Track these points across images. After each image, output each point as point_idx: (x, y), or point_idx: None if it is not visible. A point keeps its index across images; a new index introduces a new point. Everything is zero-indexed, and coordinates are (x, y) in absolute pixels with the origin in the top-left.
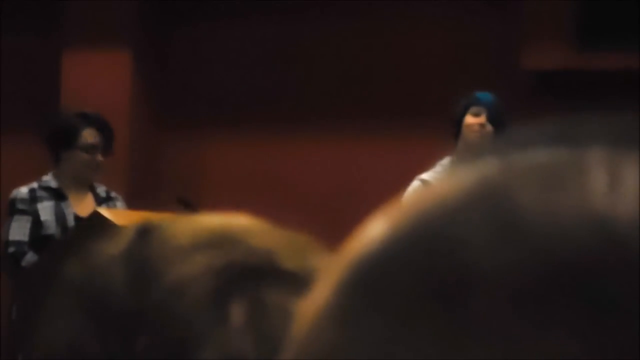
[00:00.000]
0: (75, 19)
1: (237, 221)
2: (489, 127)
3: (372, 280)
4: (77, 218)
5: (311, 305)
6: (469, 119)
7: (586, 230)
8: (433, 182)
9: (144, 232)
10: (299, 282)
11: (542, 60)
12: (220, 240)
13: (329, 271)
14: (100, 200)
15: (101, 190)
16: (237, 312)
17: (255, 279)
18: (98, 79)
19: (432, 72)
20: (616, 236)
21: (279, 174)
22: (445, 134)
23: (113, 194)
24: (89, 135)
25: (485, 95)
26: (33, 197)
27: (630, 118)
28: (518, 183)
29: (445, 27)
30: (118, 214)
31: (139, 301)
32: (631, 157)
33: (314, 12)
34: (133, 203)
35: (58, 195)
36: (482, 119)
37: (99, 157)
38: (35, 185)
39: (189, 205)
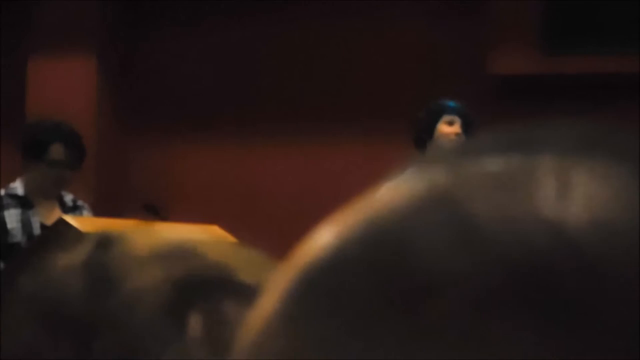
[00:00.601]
0: (41, 26)
1: (195, 234)
2: (463, 137)
3: (325, 286)
4: (43, 227)
5: (261, 311)
6: (445, 128)
7: (540, 235)
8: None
9: (103, 242)
10: (255, 295)
11: (508, 65)
12: (178, 253)
13: (278, 277)
14: (66, 209)
15: (68, 199)
16: (194, 324)
17: (212, 291)
18: (63, 85)
19: (399, 76)
20: (569, 241)
21: (247, 179)
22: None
23: (80, 203)
24: (56, 151)
25: (457, 103)
26: None
27: (582, 124)
28: (470, 190)
29: (412, 32)
30: (84, 222)
31: (95, 309)
32: (582, 163)
33: (280, 16)
34: (99, 210)
35: (24, 203)
36: (457, 128)
37: (65, 173)
38: (2, 192)
39: (157, 212)
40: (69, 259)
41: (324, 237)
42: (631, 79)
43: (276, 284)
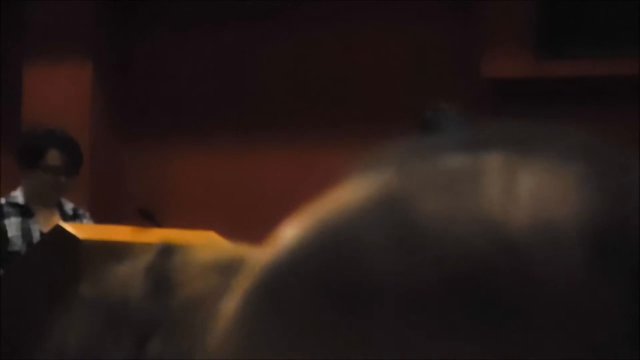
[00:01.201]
0: (36, 32)
1: (254, 249)
2: None
3: (275, 288)
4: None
5: (224, 312)
6: None
7: (481, 237)
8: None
9: (165, 251)
10: None
11: (502, 68)
12: (237, 263)
13: (241, 279)
14: (67, 218)
15: (68, 207)
16: None
17: None
18: (59, 91)
19: (392, 80)
20: (510, 243)
21: (242, 185)
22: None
23: (80, 211)
24: (52, 157)
25: (456, 113)
26: (0, 213)
27: (532, 125)
28: (417, 190)
29: (405, 35)
30: (82, 228)
31: (156, 310)
32: (527, 163)
33: (273, 22)
34: (95, 215)
35: (25, 212)
36: None
37: (62, 179)
38: (2, 201)
39: (151, 217)
40: (130, 265)
41: (284, 237)
42: (625, 81)
43: (239, 285)
